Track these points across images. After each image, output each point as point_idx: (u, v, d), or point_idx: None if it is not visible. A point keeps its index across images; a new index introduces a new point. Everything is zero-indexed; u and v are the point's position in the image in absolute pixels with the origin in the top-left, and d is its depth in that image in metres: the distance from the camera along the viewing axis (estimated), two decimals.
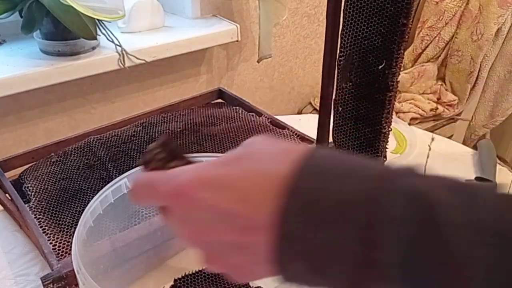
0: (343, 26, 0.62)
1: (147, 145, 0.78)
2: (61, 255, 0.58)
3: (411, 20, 0.56)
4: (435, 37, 1.56)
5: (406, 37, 0.57)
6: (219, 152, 0.78)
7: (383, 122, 0.62)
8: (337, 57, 0.64)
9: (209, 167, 0.27)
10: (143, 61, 1.01)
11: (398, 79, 0.60)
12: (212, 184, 0.25)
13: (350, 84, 0.63)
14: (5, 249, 0.64)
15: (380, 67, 0.59)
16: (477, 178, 0.76)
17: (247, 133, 0.83)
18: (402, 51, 0.58)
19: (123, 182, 0.54)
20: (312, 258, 0.23)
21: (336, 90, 0.66)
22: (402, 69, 1.69)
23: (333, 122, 0.68)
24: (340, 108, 0.66)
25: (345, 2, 0.60)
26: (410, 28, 0.57)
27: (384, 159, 0.65)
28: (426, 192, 0.22)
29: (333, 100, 0.67)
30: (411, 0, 0.54)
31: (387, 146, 0.64)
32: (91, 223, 0.51)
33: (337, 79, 0.65)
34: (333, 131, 0.68)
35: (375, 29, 0.58)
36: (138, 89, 1.15)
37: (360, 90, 0.63)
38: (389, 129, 0.64)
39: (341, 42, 0.63)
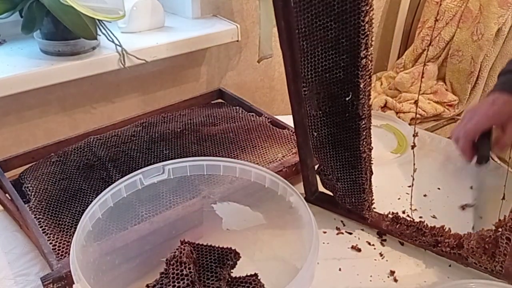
0: (301, 58, 0.56)
1: (147, 145, 0.79)
2: (61, 255, 0.58)
3: (371, 49, 0.51)
4: (436, 37, 1.56)
5: (370, 67, 0.53)
6: (219, 152, 0.78)
7: (360, 148, 0.59)
8: (302, 86, 0.59)
9: None
10: (143, 61, 1.01)
11: (370, 105, 0.56)
12: None
13: (320, 112, 0.59)
14: (5, 249, 0.64)
15: (347, 99, 0.55)
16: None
17: (247, 133, 0.83)
18: (369, 80, 0.54)
19: (122, 186, 0.54)
20: None
21: (308, 117, 0.62)
22: (402, 69, 1.68)
23: (312, 145, 0.65)
24: (315, 133, 0.62)
25: (297, 34, 0.55)
26: (371, 61, 0.52)
27: (371, 173, 0.63)
28: None
29: (307, 125, 0.63)
30: (367, 32, 0.50)
31: (371, 164, 0.62)
32: (90, 228, 0.51)
33: (306, 107, 0.61)
34: (313, 152, 0.65)
35: (335, 63, 0.54)
36: (138, 89, 1.15)
37: (331, 118, 0.59)
38: (370, 152, 0.60)
39: (302, 72, 0.57)
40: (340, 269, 0.62)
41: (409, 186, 0.74)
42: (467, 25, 1.49)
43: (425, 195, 0.76)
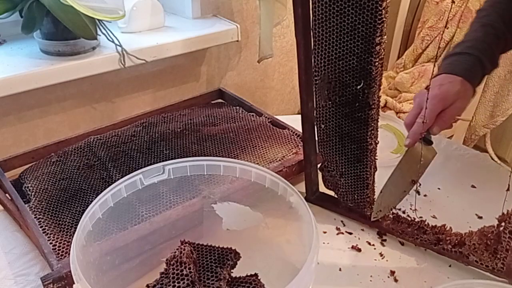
0: (314, 46, 0.57)
1: (147, 145, 0.79)
2: (61, 255, 0.58)
3: (385, 37, 0.52)
4: (436, 37, 1.56)
5: (383, 55, 0.54)
6: (219, 152, 0.78)
7: (368, 139, 0.59)
8: (313, 76, 0.60)
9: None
10: (143, 61, 1.01)
11: (379, 96, 0.57)
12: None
13: (330, 102, 0.60)
14: (5, 249, 0.64)
15: (358, 87, 0.56)
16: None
17: (247, 133, 0.83)
18: (380, 69, 0.55)
19: (122, 186, 0.54)
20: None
21: (316, 108, 0.63)
22: (402, 69, 1.68)
23: (318, 138, 0.65)
24: (323, 125, 0.63)
25: (312, 21, 0.56)
26: (384, 48, 0.53)
27: (375, 169, 0.63)
28: None
29: (315, 118, 0.64)
30: (383, 18, 0.50)
31: (376, 158, 0.63)
32: (90, 228, 0.51)
33: (316, 98, 0.62)
34: (319, 146, 0.66)
35: (349, 50, 0.55)
36: (138, 89, 1.15)
37: (340, 109, 0.60)
38: (376, 145, 0.61)
39: (314, 61, 0.59)
40: (340, 269, 0.62)
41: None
42: (467, 25, 1.49)
43: (425, 195, 0.76)
